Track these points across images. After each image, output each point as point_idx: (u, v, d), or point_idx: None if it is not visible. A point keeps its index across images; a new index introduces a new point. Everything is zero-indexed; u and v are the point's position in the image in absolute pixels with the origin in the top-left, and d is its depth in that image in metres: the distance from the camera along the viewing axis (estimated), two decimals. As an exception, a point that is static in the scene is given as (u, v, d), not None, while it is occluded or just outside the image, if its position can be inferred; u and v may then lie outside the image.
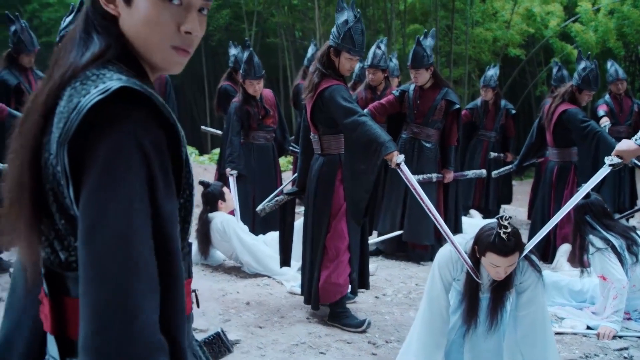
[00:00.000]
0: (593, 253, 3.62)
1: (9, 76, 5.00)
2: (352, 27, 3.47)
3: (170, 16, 1.01)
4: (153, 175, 0.89)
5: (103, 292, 0.83)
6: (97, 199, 0.86)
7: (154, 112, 0.93)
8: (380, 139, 3.30)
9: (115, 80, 0.92)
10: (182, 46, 1.03)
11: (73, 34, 1.05)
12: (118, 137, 0.88)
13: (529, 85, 13.26)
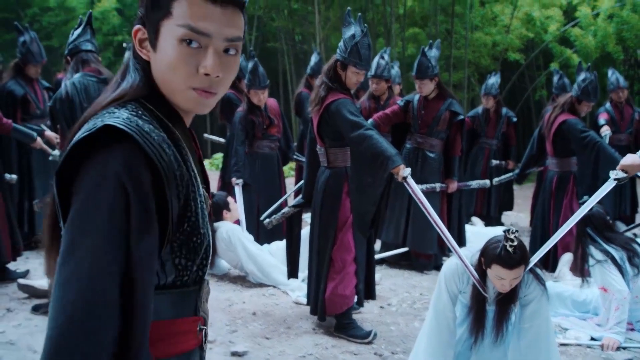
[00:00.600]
0: (593, 265, 3.66)
1: (16, 86, 5.04)
2: (359, 41, 3.51)
3: (190, 59, 1.03)
4: (129, 213, 0.92)
5: (61, 315, 0.87)
6: (72, 230, 0.91)
7: (140, 151, 0.95)
8: (386, 152, 3.33)
9: (113, 118, 0.97)
10: (201, 87, 1.05)
11: (117, 73, 1.15)
12: (98, 174, 0.92)
13: (528, 89, 13.30)
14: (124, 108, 1.03)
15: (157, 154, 0.96)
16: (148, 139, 0.96)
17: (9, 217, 4.50)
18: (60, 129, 3.87)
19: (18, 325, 3.82)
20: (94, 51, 3.93)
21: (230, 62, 1.07)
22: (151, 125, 1.01)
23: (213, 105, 1.11)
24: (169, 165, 0.98)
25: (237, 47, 1.08)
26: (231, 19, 1.05)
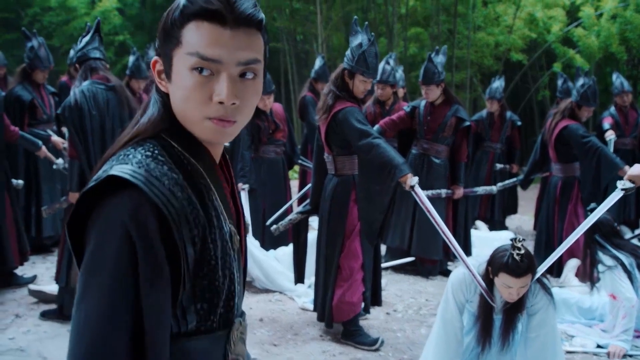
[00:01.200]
0: (603, 271, 3.68)
1: (23, 92, 5.06)
2: (366, 50, 3.53)
3: (202, 87, 0.98)
4: (136, 263, 0.90)
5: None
6: (82, 281, 0.92)
7: (147, 199, 0.92)
8: (394, 161, 3.35)
9: (121, 165, 0.95)
10: (217, 116, 1.00)
11: (140, 108, 1.12)
12: (105, 224, 0.92)
13: (531, 89, 13.29)
14: (140, 147, 1.00)
15: (165, 200, 0.93)
16: (156, 185, 0.93)
17: (17, 223, 4.53)
18: (69, 137, 3.88)
19: (27, 332, 3.84)
20: (102, 59, 3.94)
21: (248, 87, 1.01)
22: (165, 166, 0.97)
23: (234, 134, 1.04)
24: (179, 210, 0.94)
25: (255, 70, 1.01)
26: (244, 41, 0.99)
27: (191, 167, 1.03)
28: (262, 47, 1.02)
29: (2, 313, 4.14)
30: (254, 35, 1.00)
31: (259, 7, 1.02)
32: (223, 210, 1.05)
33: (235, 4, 0.98)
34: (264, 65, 1.05)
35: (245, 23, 0.99)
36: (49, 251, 5.51)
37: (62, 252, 3.95)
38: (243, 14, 0.98)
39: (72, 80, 6.78)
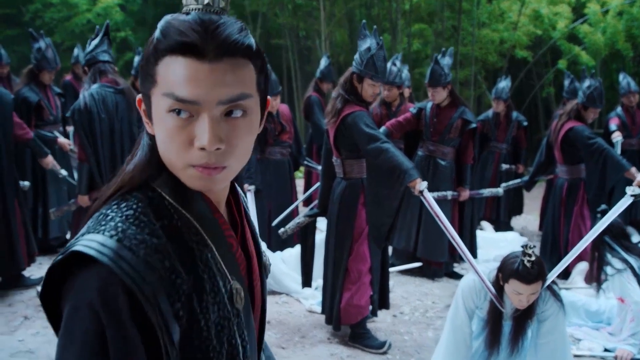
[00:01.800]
0: (612, 275, 3.68)
1: (30, 93, 5.07)
2: (375, 54, 3.52)
3: (181, 132, 0.86)
4: (105, 345, 0.81)
5: None
6: (57, 351, 0.85)
7: (116, 277, 0.82)
8: (403, 166, 3.35)
9: (94, 234, 0.85)
10: (200, 164, 0.87)
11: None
12: (75, 302, 0.83)
13: (535, 86, 13.26)
14: (124, 204, 0.90)
15: (137, 277, 0.82)
16: (128, 259, 0.82)
17: (25, 225, 4.54)
18: (78, 140, 3.89)
19: (36, 334, 3.86)
20: (111, 62, 3.95)
21: (237, 127, 0.87)
22: (147, 229, 0.86)
23: (227, 180, 0.92)
24: (155, 286, 0.83)
25: (244, 107, 0.87)
26: (228, 76, 0.85)
27: (181, 221, 0.91)
28: (253, 77, 0.89)
29: (11, 315, 4.15)
30: (241, 66, 0.87)
31: (246, 31, 0.89)
32: (223, 266, 0.94)
33: (216, 32, 0.85)
34: (261, 96, 0.93)
35: (228, 53, 0.85)
36: (55, 252, 5.52)
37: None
38: (225, 42, 0.84)
39: (76, 79, 6.82)
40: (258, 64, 0.90)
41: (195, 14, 0.86)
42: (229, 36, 0.85)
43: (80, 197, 3.87)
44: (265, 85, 0.94)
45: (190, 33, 0.84)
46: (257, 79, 0.90)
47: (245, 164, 0.94)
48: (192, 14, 0.87)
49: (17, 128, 4.43)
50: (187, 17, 0.86)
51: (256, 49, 0.89)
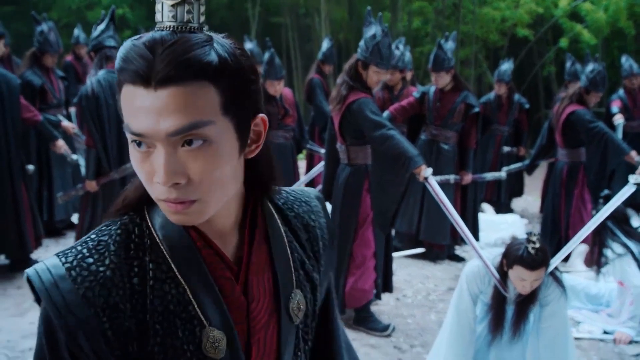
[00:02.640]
0: (613, 259, 3.74)
1: (34, 76, 5.07)
2: (380, 41, 3.54)
3: (143, 165, 0.80)
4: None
5: None
6: None
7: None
8: (408, 153, 3.40)
9: (59, 255, 0.85)
10: (165, 199, 0.80)
11: None
12: (40, 319, 0.85)
13: (536, 65, 13.22)
14: (109, 227, 0.89)
15: (64, 310, 0.80)
16: (63, 291, 0.80)
17: (32, 208, 4.59)
18: (86, 126, 3.92)
19: (46, 317, 3.92)
20: (117, 47, 3.96)
21: (198, 157, 0.78)
22: (109, 259, 0.84)
23: (205, 212, 0.82)
24: (86, 320, 0.80)
25: (202, 136, 0.77)
26: (173, 104, 0.75)
27: (153, 255, 0.86)
28: (214, 101, 0.77)
29: (21, 297, 4.22)
30: (193, 91, 0.75)
31: (206, 47, 0.77)
32: (196, 308, 0.86)
33: (162, 55, 0.75)
34: (236, 119, 0.81)
35: (175, 78, 0.74)
36: (61, 234, 5.58)
37: (79, 236, 4.03)
38: (169, 65, 0.74)
39: (77, 60, 6.81)
40: (224, 84, 0.78)
41: (151, 35, 0.78)
42: (176, 58, 0.74)
43: (88, 183, 3.91)
44: (242, 104, 0.81)
45: (136, 59, 0.75)
46: (223, 101, 0.78)
47: (229, 193, 0.85)
48: (149, 35, 0.78)
49: (24, 111, 4.45)
50: (141, 40, 0.77)
51: (220, 66, 0.77)
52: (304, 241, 1.03)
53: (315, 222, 1.06)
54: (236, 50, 0.81)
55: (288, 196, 1.06)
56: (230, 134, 0.80)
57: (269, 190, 0.97)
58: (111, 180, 3.93)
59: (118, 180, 3.96)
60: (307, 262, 1.01)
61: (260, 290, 0.93)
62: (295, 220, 1.03)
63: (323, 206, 1.10)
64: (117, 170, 3.90)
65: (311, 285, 1.01)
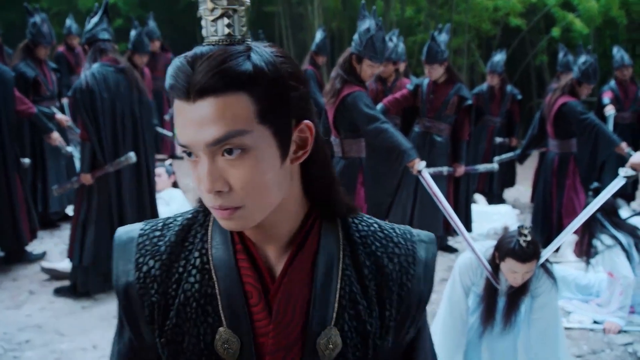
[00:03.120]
0: (602, 251, 3.80)
1: (27, 68, 5.06)
2: (374, 35, 3.56)
3: (194, 173, 0.84)
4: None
5: None
6: None
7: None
8: (402, 146, 3.44)
9: (141, 223, 0.98)
10: (213, 206, 0.84)
11: None
12: None
13: (528, 54, 13.26)
14: (191, 210, 0.98)
15: (119, 270, 0.94)
16: (125, 254, 0.94)
17: (27, 200, 4.61)
18: (80, 119, 3.93)
19: (42, 309, 3.96)
20: (110, 40, 3.96)
21: (237, 166, 0.81)
22: (170, 238, 0.93)
23: (252, 218, 0.85)
24: (134, 281, 0.93)
25: (239, 145, 0.79)
26: (209, 116, 0.78)
27: (199, 245, 0.93)
28: (248, 110, 0.79)
29: (16, 290, 4.25)
30: (228, 102, 0.78)
31: (240, 58, 0.79)
32: (219, 306, 0.90)
33: (199, 68, 0.78)
34: (274, 126, 0.82)
35: (210, 90, 0.78)
36: (55, 226, 5.60)
37: (75, 230, 4.04)
38: (204, 78, 0.78)
39: (69, 50, 6.79)
40: (259, 92, 0.79)
41: (194, 50, 0.81)
42: (210, 70, 0.77)
43: (83, 176, 3.92)
44: (280, 111, 0.82)
45: (179, 74, 0.79)
46: (259, 109, 0.80)
47: (273, 200, 0.86)
48: (193, 51, 0.81)
49: (19, 103, 4.45)
50: (186, 56, 0.81)
51: (255, 75, 0.79)
52: (368, 281, 0.93)
53: (395, 265, 0.94)
54: (276, 58, 0.82)
55: (375, 230, 0.97)
56: (269, 142, 0.82)
57: (331, 209, 0.94)
58: (106, 174, 3.95)
59: (113, 173, 3.97)
60: (360, 302, 0.92)
61: (288, 310, 0.90)
62: (364, 256, 0.94)
63: (428, 257, 0.98)
64: (112, 164, 3.91)
65: (359, 328, 0.92)
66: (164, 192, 5.06)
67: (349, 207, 0.97)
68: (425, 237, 0.99)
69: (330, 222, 0.94)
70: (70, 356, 3.36)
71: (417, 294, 0.95)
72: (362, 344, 0.92)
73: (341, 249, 0.93)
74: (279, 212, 0.88)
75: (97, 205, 3.99)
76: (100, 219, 3.99)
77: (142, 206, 4.17)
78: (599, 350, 3.53)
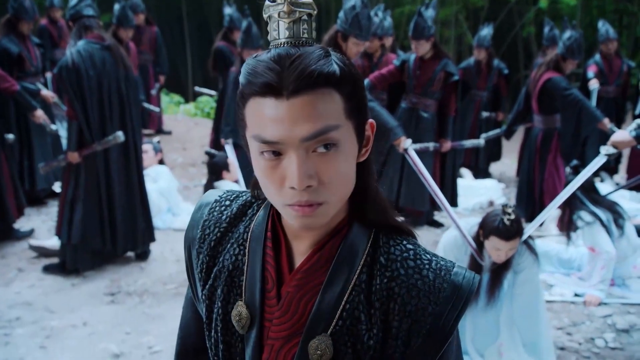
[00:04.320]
0: (582, 227, 3.88)
1: (10, 44, 4.99)
2: (360, 12, 3.56)
3: (273, 173, 0.85)
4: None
5: None
6: None
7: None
8: (388, 124, 3.46)
9: (220, 190, 1.10)
10: (293, 203, 0.85)
11: None
12: None
13: (516, 25, 13.23)
14: (246, 194, 1.06)
15: (189, 227, 1.06)
16: (199, 214, 1.05)
17: (13, 178, 4.60)
18: (66, 97, 3.90)
19: (32, 286, 3.98)
20: (95, 16, 3.91)
21: (328, 161, 0.84)
22: (233, 209, 1.02)
23: (327, 216, 0.88)
24: (198, 237, 1.04)
25: (332, 140, 0.83)
26: (307, 111, 0.81)
27: (250, 225, 1.00)
28: (339, 106, 0.83)
29: (5, 267, 4.26)
30: (322, 98, 0.82)
31: (328, 58, 0.84)
32: (244, 281, 0.98)
33: (291, 66, 0.81)
34: (355, 122, 0.87)
35: (306, 86, 0.81)
36: (42, 203, 5.59)
37: (63, 207, 4.04)
38: (301, 76, 0.81)
39: (52, 23, 6.69)
40: (346, 90, 0.84)
41: (275, 51, 0.84)
42: (305, 69, 0.81)
43: (70, 154, 3.91)
44: (359, 109, 0.87)
45: (266, 72, 0.82)
46: (346, 106, 0.85)
47: (348, 194, 0.89)
48: (272, 51, 0.85)
49: (1, 81, 4.41)
50: (265, 55, 0.84)
51: (341, 74, 0.84)
52: (378, 304, 0.91)
53: (413, 298, 0.91)
54: (346, 61, 0.88)
55: (406, 257, 0.94)
56: (352, 137, 0.87)
57: (366, 226, 0.95)
58: (93, 152, 3.94)
59: (101, 151, 3.97)
60: (363, 322, 0.91)
61: (293, 306, 0.93)
62: (383, 279, 0.92)
63: (455, 297, 0.92)
64: (100, 143, 3.90)
65: (357, 346, 0.92)
66: (150, 169, 5.05)
67: (389, 227, 0.96)
68: (463, 278, 0.94)
69: (360, 234, 0.95)
70: (61, 333, 3.40)
71: (432, 335, 0.91)
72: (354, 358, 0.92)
73: (362, 263, 0.93)
74: None
75: (85, 183, 3.99)
76: (88, 197, 4.00)
77: (130, 184, 4.17)
78: (579, 322, 3.63)
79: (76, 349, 3.23)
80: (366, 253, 0.94)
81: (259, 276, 0.96)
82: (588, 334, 3.49)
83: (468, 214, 5.51)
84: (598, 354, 3.28)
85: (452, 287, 0.92)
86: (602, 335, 3.47)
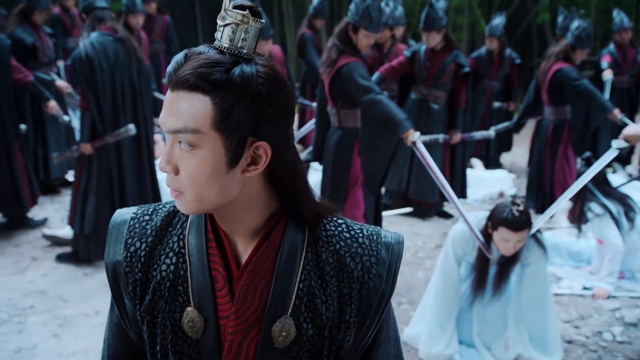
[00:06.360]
0: (592, 219, 3.87)
1: (24, 34, 5.03)
2: (370, 4, 3.55)
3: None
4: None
5: None
6: None
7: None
8: (396, 117, 3.45)
9: (135, 207, 1.09)
10: (167, 183, 0.95)
11: None
12: None
13: (530, 12, 13.08)
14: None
15: (109, 249, 1.05)
16: (118, 234, 1.05)
17: (27, 167, 4.66)
18: (80, 89, 3.94)
19: (45, 275, 4.04)
20: (108, 8, 3.94)
21: (184, 157, 0.90)
22: (157, 223, 1.03)
23: (188, 206, 0.94)
24: (121, 258, 1.03)
25: (189, 142, 0.89)
26: (174, 106, 0.88)
27: (182, 231, 1.03)
28: (207, 114, 0.87)
29: (19, 256, 4.33)
30: (194, 100, 0.87)
31: (221, 68, 0.86)
32: (189, 286, 1.00)
33: (186, 63, 0.89)
34: (229, 136, 0.89)
35: (185, 85, 0.87)
36: (56, 192, 5.66)
37: (76, 197, 4.10)
38: (183, 73, 0.87)
39: (65, 12, 6.71)
40: (222, 103, 0.86)
41: (199, 48, 0.90)
42: (193, 69, 0.86)
43: (83, 145, 3.96)
44: (237, 126, 0.88)
45: (174, 61, 0.90)
46: (216, 117, 0.87)
47: (214, 200, 0.93)
48: (199, 47, 0.91)
49: (15, 72, 4.46)
50: (191, 49, 0.92)
51: (221, 86, 0.86)
52: (329, 277, 0.99)
53: (357, 264, 1.00)
54: (258, 78, 0.88)
55: (342, 231, 1.03)
56: (218, 148, 0.89)
57: (297, 211, 1.00)
58: (105, 145, 3.98)
59: (113, 144, 4.01)
60: (318, 296, 0.99)
61: (249, 297, 0.98)
62: (328, 254, 1.00)
63: (392, 258, 1.03)
64: (112, 135, 3.94)
65: (316, 320, 0.99)
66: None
67: (319, 211, 1.03)
68: (392, 238, 1.05)
69: (297, 221, 1.01)
70: (74, 322, 3.46)
71: (378, 293, 1.01)
72: (318, 334, 0.99)
73: (305, 245, 1.00)
74: (242, 208, 0.97)
75: (98, 174, 4.03)
76: (101, 187, 4.05)
77: (142, 175, 4.21)
78: (587, 315, 3.64)
79: (89, 338, 3.29)
80: (307, 235, 1.01)
81: (208, 278, 0.99)
82: (596, 328, 3.50)
83: (478, 205, 5.51)
84: (605, 348, 3.29)
85: (385, 247, 1.02)
86: (610, 328, 3.48)
